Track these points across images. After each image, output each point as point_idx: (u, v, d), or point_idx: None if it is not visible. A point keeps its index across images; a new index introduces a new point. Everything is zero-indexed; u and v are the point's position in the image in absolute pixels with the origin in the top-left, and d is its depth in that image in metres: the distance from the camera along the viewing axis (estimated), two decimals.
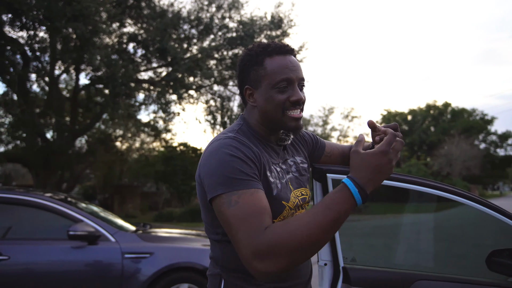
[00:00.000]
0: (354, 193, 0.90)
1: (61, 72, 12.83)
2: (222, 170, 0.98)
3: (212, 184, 0.99)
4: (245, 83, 1.17)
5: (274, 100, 1.11)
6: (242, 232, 0.91)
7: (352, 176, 0.93)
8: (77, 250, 3.17)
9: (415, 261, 1.74)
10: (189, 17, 11.31)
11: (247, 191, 0.97)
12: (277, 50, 1.13)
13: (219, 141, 1.07)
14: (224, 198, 0.96)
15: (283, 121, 1.12)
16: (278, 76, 1.10)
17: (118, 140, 19.19)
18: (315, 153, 1.38)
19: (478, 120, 42.17)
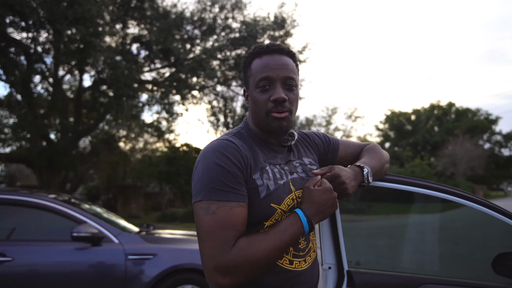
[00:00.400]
0: (303, 222, 1.04)
1: (65, 73, 12.88)
2: (206, 178, 1.02)
3: (195, 189, 1.04)
4: (244, 85, 1.23)
5: (258, 100, 1.13)
6: (211, 245, 0.98)
7: (303, 208, 1.07)
8: (80, 252, 3.18)
9: (420, 264, 1.72)
10: (192, 18, 11.32)
11: (227, 204, 1.01)
12: (264, 50, 1.15)
13: (211, 143, 1.10)
14: (203, 204, 1.01)
15: (267, 122, 1.13)
16: (259, 75, 1.12)
17: (121, 141, 19.25)
18: (328, 156, 1.37)
19: (482, 120, 41.93)
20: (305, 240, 1.16)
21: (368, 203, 2.72)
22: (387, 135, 45.63)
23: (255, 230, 1.08)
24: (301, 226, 1.04)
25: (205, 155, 1.07)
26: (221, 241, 0.98)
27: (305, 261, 1.16)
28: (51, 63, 11.26)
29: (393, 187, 1.40)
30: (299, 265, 1.13)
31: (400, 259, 1.72)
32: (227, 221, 0.99)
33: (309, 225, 1.05)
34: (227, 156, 1.05)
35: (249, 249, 0.98)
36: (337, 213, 1.39)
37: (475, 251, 1.80)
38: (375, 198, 2.11)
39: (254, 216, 1.07)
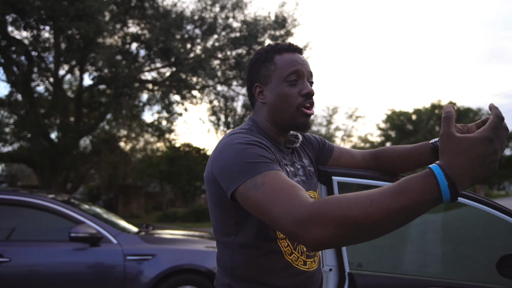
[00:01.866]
0: (442, 185, 0.66)
1: (65, 72, 12.87)
2: (240, 158, 0.91)
3: (232, 176, 0.90)
4: (254, 81, 1.16)
5: (287, 94, 1.09)
6: (279, 206, 0.78)
7: (443, 165, 0.68)
8: (78, 252, 3.15)
9: (423, 265, 1.69)
10: (192, 17, 11.29)
11: (270, 172, 0.87)
12: (285, 48, 1.13)
13: (231, 136, 1.02)
14: (248, 183, 0.87)
15: (295, 116, 1.09)
16: (288, 69, 1.09)
17: (122, 141, 19.23)
18: (322, 156, 1.33)
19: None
20: None
21: None
22: (388, 135, 45.55)
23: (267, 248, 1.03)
24: (434, 188, 0.67)
25: (231, 143, 0.97)
26: (288, 198, 0.78)
27: (314, 261, 1.13)
28: (51, 62, 11.26)
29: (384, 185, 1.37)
30: (311, 266, 1.11)
31: (403, 260, 1.69)
32: (282, 182, 0.83)
33: (452, 191, 0.66)
34: (251, 137, 0.99)
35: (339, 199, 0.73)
36: None
37: (479, 252, 1.76)
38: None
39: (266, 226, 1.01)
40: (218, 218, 1.08)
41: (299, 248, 1.09)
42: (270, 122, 1.14)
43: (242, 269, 1.05)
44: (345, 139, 29.79)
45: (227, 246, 1.07)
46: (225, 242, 1.08)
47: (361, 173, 1.32)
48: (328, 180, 1.30)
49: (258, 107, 1.17)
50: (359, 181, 1.33)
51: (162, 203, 21.46)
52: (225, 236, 1.07)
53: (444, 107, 0.76)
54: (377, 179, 1.34)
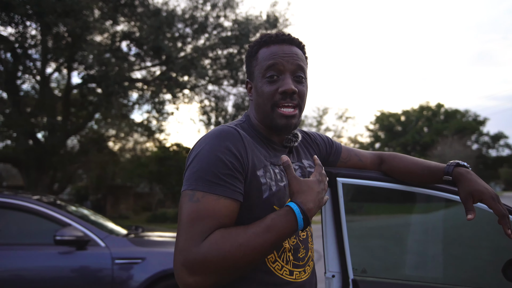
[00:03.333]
0: (299, 219, 0.87)
1: (53, 70, 12.60)
2: (197, 167, 0.92)
3: (185, 176, 0.94)
4: (247, 77, 1.11)
5: (263, 91, 1.01)
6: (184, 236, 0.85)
7: (299, 202, 0.89)
8: (64, 256, 3.02)
9: (428, 270, 1.62)
10: (183, 16, 11.16)
11: (213, 196, 0.88)
12: (272, 39, 1.03)
13: (215, 128, 0.99)
14: (189, 192, 0.90)
15: (273, 117, 1.02)
16: (265, 64, 1.01)
17: (111, 140, 18.95)
18: (330, 158, 1.26)
19: (471, 121, 42.49)
20: (304, 248, 1.06)
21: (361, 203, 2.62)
22: (378, 136, 45.94)
23: None
24: (294, 222, 0.86)
25: (202, 141, 0.96)
26: (196, 233, 0.84)
27: (305, 271, 1.05)
28: (38, 60, 11.01)
29: (391, 187, 1.30)
30: (299, 276, 1.03)
31: (409, 266, 1.62)
32: (211, 211, 0.86)
33: (305, 221, 0.87)
34: (226, 144, 0.93)
35: (223, 242, 0.83)
36: (342, 216, 1.27)
37: (485, 255, 1.70)
38: (370, 198, 2.02)
39: (254, 219, 0.95)
40: None
41: (285, 256, 1.01)
42: (258, 121, 1.07)
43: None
44: (335, 139, 29.92)
45: None
46: None
47: (366, 175, 1.25)
48: (333, 182, 1.22)
49: (250, 103, 1.13)
50: (364, 182, 1.25)
51: (152, 203, 21.22)
52: None
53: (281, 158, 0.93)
54: (382, 180, 1.26)
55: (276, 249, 0.88)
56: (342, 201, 1.21)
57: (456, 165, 1.14)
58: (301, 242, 1.05)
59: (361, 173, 1.24)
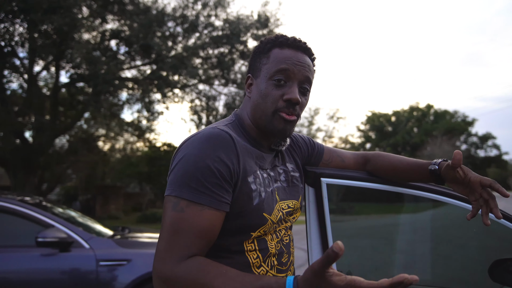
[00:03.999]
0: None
1: (41, 69, 12.42)
2: (182, 171, 0.87)
3: (169, 179, 0.90)
4: (249, 71, 1.05)
5: (268, 93, 0.96)
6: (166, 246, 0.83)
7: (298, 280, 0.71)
8: (47, 258, 2.95)
9: (414, 272, 1.60)
10: (174, 14, 11.07)
11: (198, 206, 0.84)
12: (289, 43, 0.99)
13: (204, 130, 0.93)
14: (173, 198, 0.86)
15: (271, 120, 0.97)
16: (277, 66, 0.96)
17: (100, 140, 18.77)
18: (312, 160, 1.23)
19: (459, 122, 43.04)
20: (287, 253, 1.04)
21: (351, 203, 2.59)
22: (368, 136, 46.25)
23: (238, 240, 0.93)
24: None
25: (191, 143, 0.90)
26: (176, 246, 0.83)
27: (287, 276, 1.03)
28: (26, 58, 10.83)
29: (379, 188, 1.27)
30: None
31: (394, 267, 1.60)
32: (194, 224, 0.84)
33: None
34: (215, 149, 0.88)
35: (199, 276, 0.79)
36: (326, 216, 1.24)
37: (471, 256, 1.69)
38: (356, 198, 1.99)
39: (243, 225, 0.92)
40: None
41: (269, 261, 0.98)
42: (252, 121, 1.02)
43: None
44: (326, 140, 30.01)
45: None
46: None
47: (351, 174, 1.22)
48: (317, 182, 1.19)
49: (245, 101, 1.06)
50: (349, 182, 1.22)
51: (142, 204, 21.06)
52: None
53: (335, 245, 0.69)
54: (367, 180, 1.24)
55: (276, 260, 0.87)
56: (327, 201, 1.19)
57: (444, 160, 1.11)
58: (284, 247, 1.03)
59: (346, 173, 1.21)
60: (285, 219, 1.03)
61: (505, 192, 0.96)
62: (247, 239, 0.94)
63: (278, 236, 1.01)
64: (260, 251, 0.96)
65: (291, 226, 1.10)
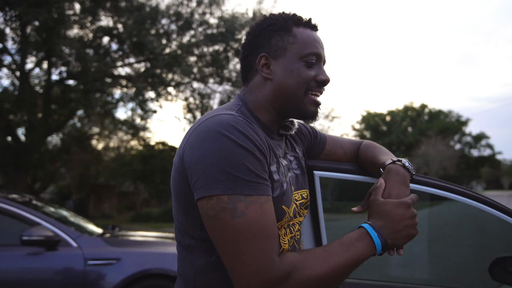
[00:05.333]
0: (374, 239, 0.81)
1: (33, 66, 12.25)
2: (224, 162, 0.74)
3: (205, 178, 0.74)
4: (260, 50, 0.93)
5: (301, 74, 0.90)
6: (250, 258, 0.72)
7: (374, 225, 0.84)
8: (33, 257, 2.86)
9: (411, 271, 1.55)
10: (168, 12, 10.97)
11: (256, 199, 0.74)
12: (305, 22, 0.95)
13: (217, 117, 0.80)
14: (225, 202, 0.73)
15: (303, 102, 0.92)
16: (310, 48, 0.91)
17: (94, 138, 18.61)
18: (313, 149, 1.15)
19: (453, 122, 43.33)
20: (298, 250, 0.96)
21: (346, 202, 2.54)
22: (363, 135, 46.39)
23: None
24: (371, 245, 0.80)
25: (217, 131, 0.76)
26: (263, 252, 0.73)
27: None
28: (17, 54, 10.67)
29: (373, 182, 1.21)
30: None
31: (391, 265, 1.53)
32: (263, 223, 0.74)
33: (383, 243, 0.81)
34: (249, 136, 0.77)
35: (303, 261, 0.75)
36: (320, 213, 1.17)
37: (469, 254, 1.64)
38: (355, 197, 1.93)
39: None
40: (183, 216, 0.87)
41: None
42: (271, 105, 0.93)
43: (206, 280, 0.85)
44: None
45: (189, 250, 0.87)
46: (186, 246, 0.87)
47: (345, 167, 1.15)
48: (309, 175, 1.13)
49: (257, 83, 0.94)
50: (342, 175, 1.16)
51: (136, 203, 20.95)
52: (189, 238, 0.86)
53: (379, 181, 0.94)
54: (361, 174, 1.17)
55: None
56: (320, 196, 1.12)
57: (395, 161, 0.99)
58: (296, 243, 0.95)
59: (340, 166, 1.15)
60: (299, 212, 0.96)
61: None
62: None
63: (292, 231, 0.93)
64: None
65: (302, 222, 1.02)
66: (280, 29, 0.92)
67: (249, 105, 0.93)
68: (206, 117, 0.83)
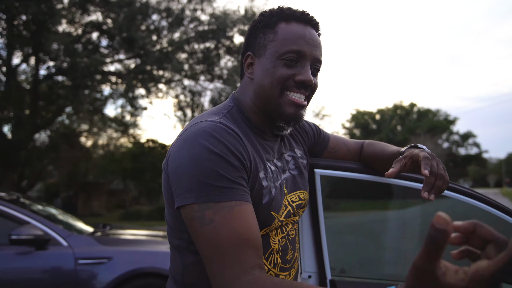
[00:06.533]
0: None
1: (20, 61, 12.02)
2: (196, 171, 0.73)
3: (181, 188, 0.75)
4: (248, 49, 0.91)
5: (275, 72, 0.85)
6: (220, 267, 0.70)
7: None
8: (22, 257, 2.80)
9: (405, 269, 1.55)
10: (158, 7, 10.85)
11: (226, 205, 0.72)
12: (296, 16, 0.88)
13: (198, 124, 0.80)
14: (195, 210, 0.72)
15: (279, 103, 0.86)
16: (288, 45, 0.85)
17: (83, 136, 18.37)
18: (317, 148, 1.12)
19: (442, 121, 43.95)
20: (292, 249, 0.94)
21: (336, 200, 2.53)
22: (353, 134, 46.74)
23: None
24: None
25: (194, 140, 0.76)
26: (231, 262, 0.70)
27: (290, 274, 0.94)
28: (4, 49, 10.46)
29: (372, 179, 1.20)
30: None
31: (387, 264, 1.54)
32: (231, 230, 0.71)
33: None
34: (225, 142, 0.76)
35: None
36: (320, 211, 1.17)
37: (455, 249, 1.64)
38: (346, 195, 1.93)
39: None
40: (170, 218, 0.87)
41: (272, 259, 0.88)
42: (256, 106, 0.90)
43: (196, 279, 0.84)
44: None
45: (179, 250, 0.86)
46: (177, 246, 0.87)
47: (346, 166, 1.14)
48: (310, 173, 1.11)
49: (245, 83, 0.93)
50: (343, 174, 1.15)
51: (126, 201, 20.76)
52: (177, 239, 0.86)
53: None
54: (362, 172, 1.16)
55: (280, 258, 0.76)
56: (320, 195, 1.11)
57: (412, 146, 1.01)
58: (289, 242, 0.93)
59: (341, 164, 1.13)
60: (294, 213, 0.94)
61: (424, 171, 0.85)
62: None
63: (283, 231, 0.91)
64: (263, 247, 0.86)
65: (298, 220, 1.00)
66: (264, 26, 0.89)
67: (241, 106, 0.91)
68: (190, 124, 0.83)
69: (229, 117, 0.87)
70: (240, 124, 0.88)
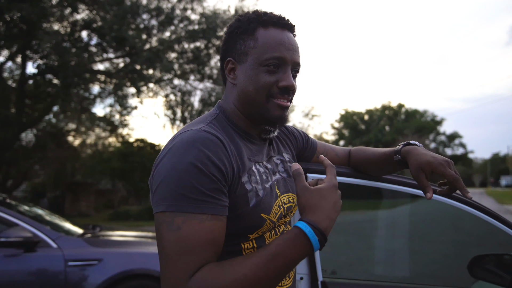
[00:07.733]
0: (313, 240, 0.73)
1: (5, 59, 11.81)
2: (172, 181, 0.77)
3: (157, 195, 0.78)
4: (227, 54, 0.93)
5: (259, 80, 0.88)
6: (170, 271, 0.74)
7: (311, 221, 0.74)
8: (11, 259, 2.77)
9: (394, 270, 1.59)
10: (148, 6, 10.78)
11: (196, 216, 0.74)
12: (273, 22, 0.91)
13: (183, 134, 0.82)
14: (167, 216, 0.76)
15: (266, 108, 0.90)
16: (270, 52, 0.88)
17: (70, 135, 18.13)
18: (306, 153, 1.16)
19: (429, 121, 44.58)
20: None
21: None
22: (342, 134, 47.11)
23: (236, 243, 0.86)
24: (306, 246, 0.74)
25: (175, 150, 0.79)
26: (181, 268, 0.73)
27: (289, 276, 0.96)
28: None
29: (360, 183, 1.24)
30: (284, 283, 0.93)
31: (377, 266, 1.57)
32: (194, 240, 0.74)
33: (321, 242, 0.74)
34: (205, 153, 0.78)
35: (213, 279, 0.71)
36: None
37: (450, 252, 1.69)
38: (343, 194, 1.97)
39: (239, 228, 0.84)
40: None
41: None
42: (240, 110, 0.93)
43: None
44: None
45: None
46: None
47: (339, 170, 1.17)
48: None
49: (228, 88, 0.96)
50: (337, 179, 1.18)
51: (114, 201, 20.55)
52: None
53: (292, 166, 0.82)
54: (355, 177, 1.20)
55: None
56: None
57: (405, 144, 1.08)
58: None
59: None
60: (285, 214, 0.96)
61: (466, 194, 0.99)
62: (244, 241, 0.87)
63: (277, 233, 0.94)
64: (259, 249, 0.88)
65: (290, 221, 1.03)
66: (243, 32, 0.91)
67: (226, 112, 0.94)
68: (177, 134, 0.86)
69: (216, 124, 0.90)
70: (227, 130, 0.90)
